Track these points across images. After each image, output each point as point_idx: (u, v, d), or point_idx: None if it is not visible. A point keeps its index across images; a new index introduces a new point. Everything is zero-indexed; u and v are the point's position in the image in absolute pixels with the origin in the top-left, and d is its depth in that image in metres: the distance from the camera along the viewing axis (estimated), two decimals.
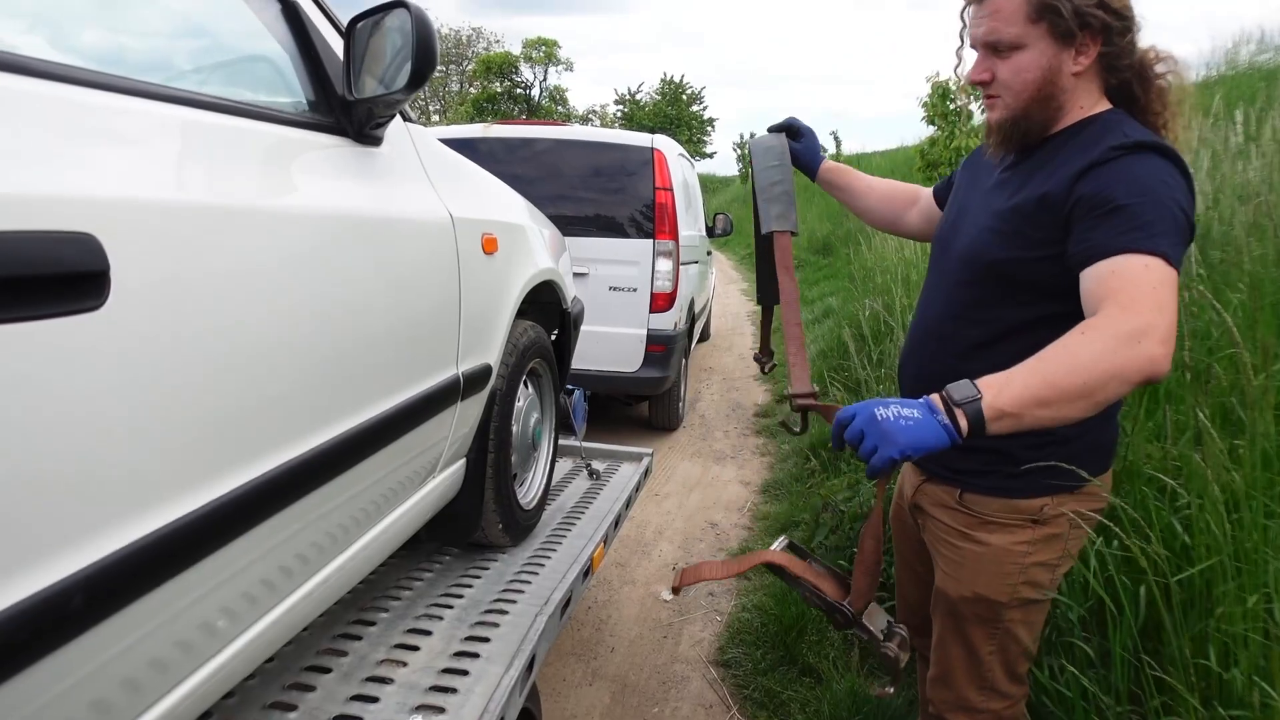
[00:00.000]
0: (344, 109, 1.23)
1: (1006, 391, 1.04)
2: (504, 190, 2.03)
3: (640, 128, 28.83)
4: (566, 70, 26.65)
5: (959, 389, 1.05)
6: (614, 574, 3.37)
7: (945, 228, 1.50)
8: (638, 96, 35.69)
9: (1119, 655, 1.56)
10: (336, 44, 1.26)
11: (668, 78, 37.26)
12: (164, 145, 0.87)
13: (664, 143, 5.06)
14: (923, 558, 1.55)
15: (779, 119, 1.78)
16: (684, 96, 37.76)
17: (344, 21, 1.25)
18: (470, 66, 27.82)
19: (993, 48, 1.27)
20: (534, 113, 26.06)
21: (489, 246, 1.66)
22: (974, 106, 13.06)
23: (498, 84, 26.34)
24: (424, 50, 1.15)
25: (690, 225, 5.49)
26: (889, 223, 1.79)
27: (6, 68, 0.72)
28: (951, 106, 12.88)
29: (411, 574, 1.87)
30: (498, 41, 29.59)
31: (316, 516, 1.12)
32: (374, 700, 1.37)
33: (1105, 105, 1.29)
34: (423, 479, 1.54)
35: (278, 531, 1.04)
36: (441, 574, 1.89)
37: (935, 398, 1.06)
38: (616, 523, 2.38)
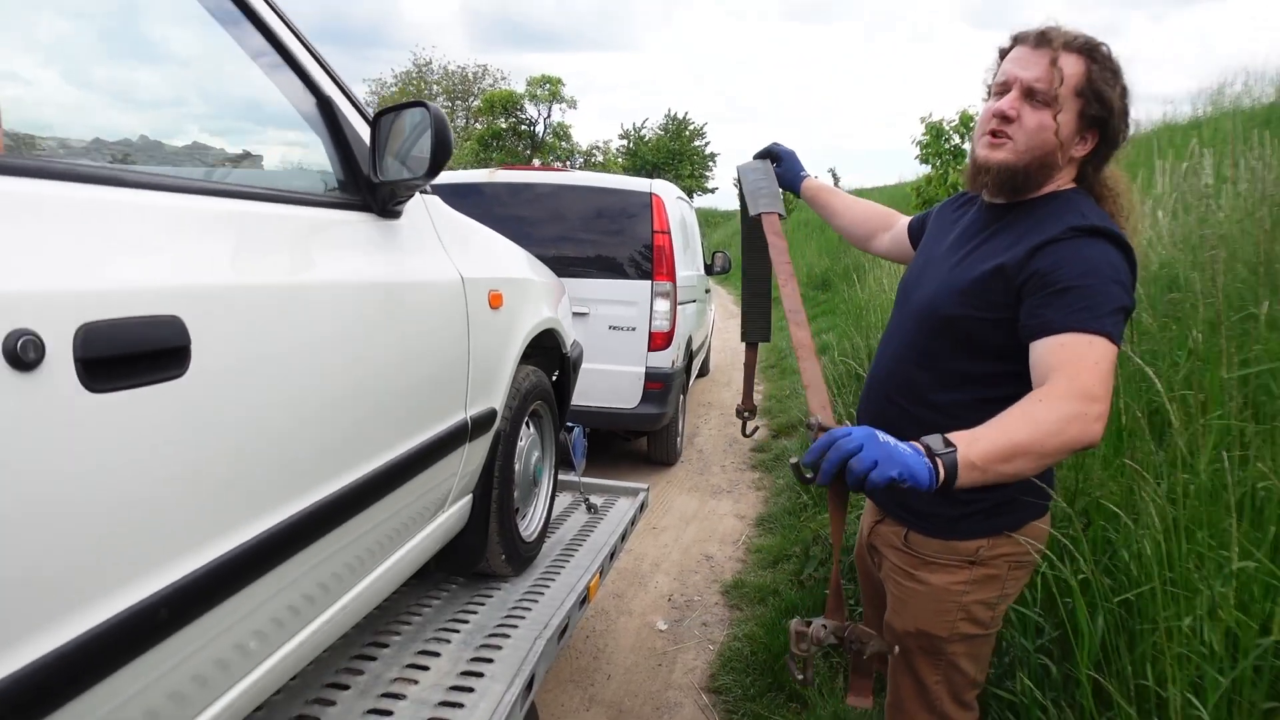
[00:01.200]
0: (370, 189, 1.42)
1: (975, 447, 1.15)
2: (508, 247, 2.20)
3: (643, 162, 29.17)
4: (570, 108, 27.13)
5: (934, 441, 1.15)
6: (611, 604, 3.49)
7: (910, 276, 1.61)
8: (642, 133, 36.25)
9: (1084, 674, 1.68)
10: (364, 132, 1.45)
11: (672, 114, 37.88)
12: (228, 236, 1.05)
13: (662, 187, 5.27)
14: (881, 593, 1.68)
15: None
16: (686, 132, 38.37)
17: (370, 113, 1.44)
18: (476, 103, 28.33)
19: (1030, 93, 1.33)
20: (538, 148, 26.48)
21: (495, 302, 1.84)
22: (966, 145, 13.33)
23: (502, 120, 26.85)
24: (440, 142, 1.33)
25: (688, 265, 5.69)
26: (861, 242, 1.95)
27: (106, 181, 0.90)
28: (946, 146, 13.18)
29: (421, 601, 2.01)
30: (504, 78, 30.17)
31: (349, 542, 1.29)
32: (388, 714, 1.52)
33: (1071, 185, 1.41)
34: (434, 513, 1.70)
35: (319, 553, 1.20)
36: (448, 601, 2.03)
37: (916, 444, 1.16)
38: (612, 555, 2.53)
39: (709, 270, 6.99)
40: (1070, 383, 1.19)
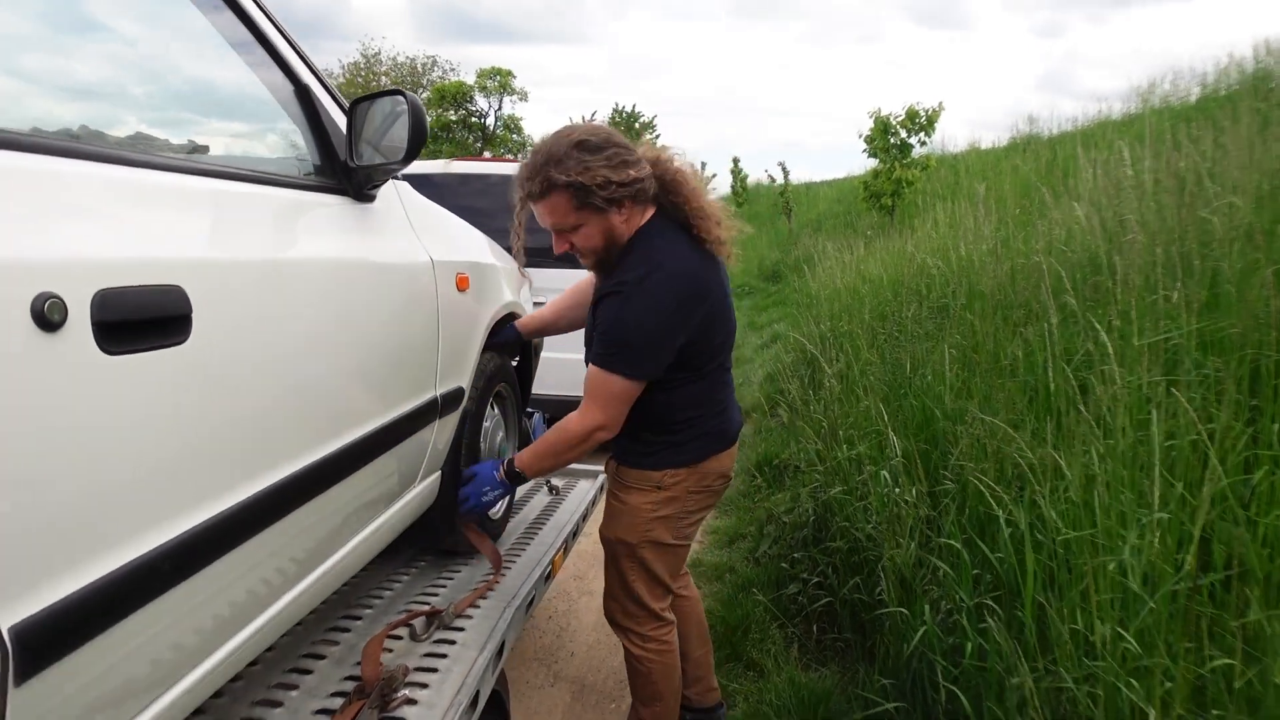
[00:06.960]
0: (346, 173, 1.47)
1: (521, 458, 1.89)
2: (473, 233, 2.27)
3: None
4: (521, 100, 26.98)
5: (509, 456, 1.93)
6: (572, 585, 3.58)
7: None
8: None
9: (1030, 616, 1.84)
10: (339, 118, 1.50)
11: (619, 108, 37.89)
12: (223, 212, 1.10)
13: None
14: None
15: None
16: (636, 126, 38.37)
17: (346, 102, 1.49)
18: (425, 94, 28.01)
19: (559, 230, 1.75)
20: (489, 141, 26.30)
21: (462, 284, 1.90)
22: (913, 140, 13.64)
23: (452, 112, 26.57)
24: (417, 129, 1.40)
25: None
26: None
27: (115, 160, 0.95)
28: (892, 141, 13.44)
29: (391, 577, 2.07)
30: (453, 70, 29.80)
31: (332, 508, 1.34)
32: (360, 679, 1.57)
33: (649, 213, 1.79)
34: (407, 486, 1.76)
35: (303, 519, 1.25)
36: (417, 578, 2.09)
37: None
38: (575, 534, 2.61)
39: None
40: (585, 403, 1.80)
